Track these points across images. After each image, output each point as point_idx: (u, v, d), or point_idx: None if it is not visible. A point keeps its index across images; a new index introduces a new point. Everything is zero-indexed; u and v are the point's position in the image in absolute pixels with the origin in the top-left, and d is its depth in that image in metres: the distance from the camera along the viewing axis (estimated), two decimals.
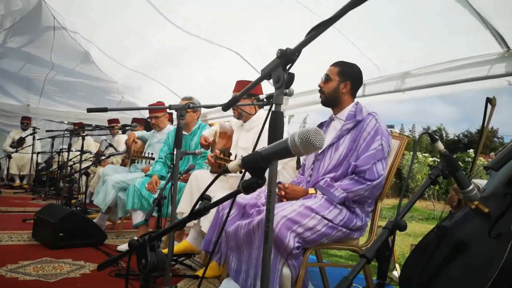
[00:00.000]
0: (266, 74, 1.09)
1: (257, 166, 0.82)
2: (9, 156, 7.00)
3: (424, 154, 9.26)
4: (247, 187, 0.84)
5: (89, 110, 1.84)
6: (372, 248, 1.03)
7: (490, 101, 1.98)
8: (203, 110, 5.54)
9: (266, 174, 0.88)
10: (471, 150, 10.05)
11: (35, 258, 2.78)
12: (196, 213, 0.97)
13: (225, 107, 1.37)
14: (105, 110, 1.88)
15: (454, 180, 1.24)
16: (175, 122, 5.13)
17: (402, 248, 4.55)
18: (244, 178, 1.16)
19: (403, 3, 2.75)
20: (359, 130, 2.08)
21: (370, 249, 1.03)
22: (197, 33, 4.35)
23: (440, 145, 1.27)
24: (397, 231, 1.07)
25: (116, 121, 5.60)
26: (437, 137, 1.29)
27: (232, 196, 0.89)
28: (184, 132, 3.38)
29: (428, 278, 1.39)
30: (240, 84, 2.83)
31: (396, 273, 2.75)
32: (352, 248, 2.05)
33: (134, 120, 5.40)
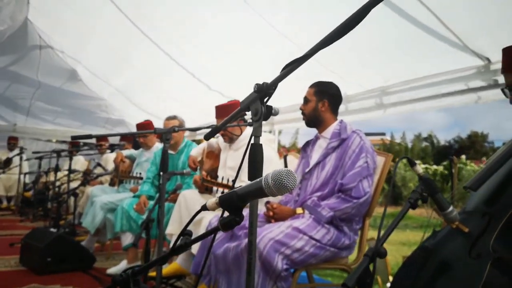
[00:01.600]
0: (245, 106, 1.11)
1: (234, 205, 0.83)
2: None
3: (416, 162, 9.36)
4: (225, 225, 0.85)
5: (74, 138, 1.84)
6: (353, 276, 1.04)
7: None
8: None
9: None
10: (463, 156, 10.18)
11: (22, 285, 2.73)
12: (177, 249, 0.97)
13: (207, 136, 1.38)
14: (90, 137, 1.88)
15: (434, 202, 1.26)
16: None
17: (397, 257, 4.56)
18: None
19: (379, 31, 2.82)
20: (344, 148, 2.11)
21: (351, 277, 1.04)
22: (176, 58, 4.46)
23: (418, 169, 1.30)
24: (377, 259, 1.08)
25: (104, 139, 5.57)
26: (415, 161, 1.32)
27: (210, 233, 0.90)
28: (171, 152, 3.38)
29: None
30: (219, 109, 2.83)
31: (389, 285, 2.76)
32: (341, 267, 2.06)
33: (123, 138, 5.38)
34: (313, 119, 2.24)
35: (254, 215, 1.07)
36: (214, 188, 2.57)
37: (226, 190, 2.46)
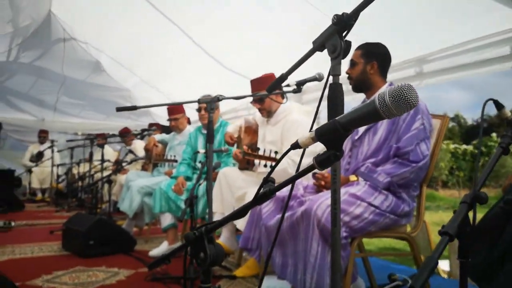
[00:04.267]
0: (319, 44, 1.00)
1: (335, 136, 0.73)
2: (29, 171, 7.03)
3: (444, 141, 9.08)
4: (322, 162, 0.75)
5: (119, 109, 1.78)
6: (453, 223, 0.94)
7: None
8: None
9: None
10: (494, 134, 9.79)
11: (68, 268, 2.74)
12: (261, 197, 0.89)
13: (267, 92, 1.28)
14: (134, 108, 1.82)
15: None
16: (193, 124, 5.10)
17: (432, 237, 4.41)
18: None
19: None
20: None
21: (451, 225, 0.94)
22: (200, 42, 4.38)
23: (507, 112, 1.17)
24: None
25: (127, 130, 5.60)
26: (502, 103, 1.18)
27: (304, 173, 0.80)
28: (204, 131, 3.32)
29: (497, 261, 1.29)
30: (255, 82, 2.75)
31: (443, 264, 2.64)
32: (401, 236, 1.95)
33: (151, 125, 5.36)
34: (361, 83, 2.11)
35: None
36: (256, 161, 2.50)
37: (268, 163, 2.38)
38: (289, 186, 1.01)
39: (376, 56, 2.08)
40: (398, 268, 2.84)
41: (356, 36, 3.03)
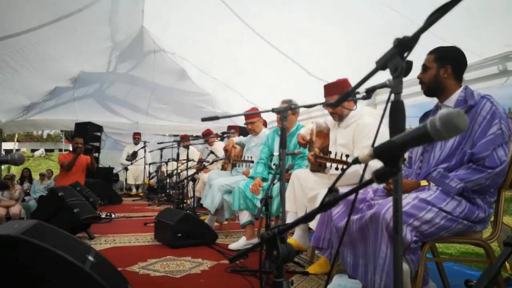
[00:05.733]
0: (382, 64, 1.10)
1: (392, 154, 0.83)
2: (126, 168, 7.94)
3: None
4: (381, 176, 0.86)
5: (204, 119, 2.03)
6: None
7: None
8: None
9: None
10: None
11: (160, 257, 3.12)
12: (326, 205, 1.02)
13: (336, 104, 1.41)
14: (216, 118, 2.05)
15: None
16: (268, 126, 5.33)
17: None
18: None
19: None
20: (472, 116, 1.95)
21: None
22: (278, 46, 4.55)
23: None
24: None
25: (209, 131, 6.03)
26: None
27: (364, 185, 0.92)
28: None
29: None
30: (328, 87, 2.84)
31: None
32: (475, 242, 1.92)
33: (230, 127, 5.72)
34: (434, 88, 2.10)
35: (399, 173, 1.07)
36: (328, 164, 2.60)
37: (339, 166, 2.47)
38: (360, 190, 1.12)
39: (451, 60, 2.06)
40: (476, 274, 2.73)
41: (433, 35, 2.99)
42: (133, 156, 7.92)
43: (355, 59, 3.96)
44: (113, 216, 5.02)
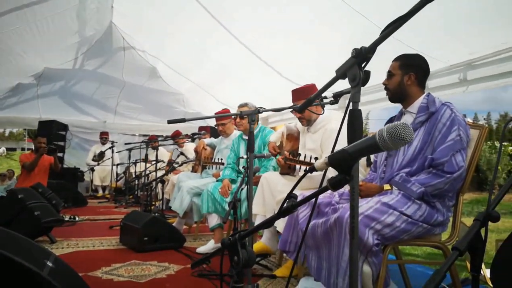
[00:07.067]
0: (341, 73, 1.12)
1: (345, 163, 0.85)
2: (92, 169, 7.70)
3: (503, 144, 8.53)
4: (335, 184, 0.88)
5: (170, 122, 2.00)
6: (464, 240, 1.01)
7: None
8: (264, 114, 5.72)
9: None
10: None
11: (124, 261, 3.04)
12: (284, 211, 1.02)
13: (300, 109, 1.41)
14: (183, 120, 2.02)
15: None
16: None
17: (489, 242, 4.25)
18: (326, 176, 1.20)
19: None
20: (433, 122, 2.01)
21: (462, 241, 1.01)
22: (253, 48, 4.55)
23: None
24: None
25: (179, 132, 5.95)
26: None
27: (320, 192, 0.93)
28: (245, 137, 3.50)
29: None
30: (296, 92, 2.87)
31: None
32: (434, 244, 1.98)
33: (201, 128, 5.66)
34: (398, 94, 2.16)
35: (355, 181, 1.09)
36: (297, 167, 2.62)
37: (308, 168, 2.49)
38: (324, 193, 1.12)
39: (415, 67, 2.12)
40: None
41: (400, 43, 3.07)
42: (100, 157, 7.69)
43: (326, 62, 4.00)
44: (77, 219, 4.85)
